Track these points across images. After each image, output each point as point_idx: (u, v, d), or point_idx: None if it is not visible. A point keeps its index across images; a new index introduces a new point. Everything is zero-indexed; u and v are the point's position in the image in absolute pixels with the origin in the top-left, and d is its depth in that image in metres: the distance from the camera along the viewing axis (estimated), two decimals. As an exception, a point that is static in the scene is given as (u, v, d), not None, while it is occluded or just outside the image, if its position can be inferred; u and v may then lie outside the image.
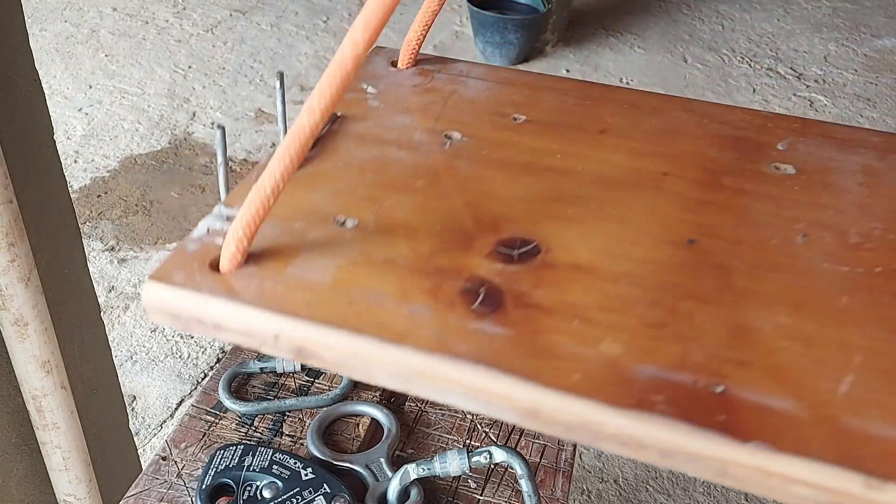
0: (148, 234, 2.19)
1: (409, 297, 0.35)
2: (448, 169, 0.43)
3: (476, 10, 3.03)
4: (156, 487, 0.61)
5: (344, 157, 0.44)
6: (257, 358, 0.72)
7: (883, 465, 0.28)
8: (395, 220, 0.39)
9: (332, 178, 0.42)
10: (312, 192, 0.41)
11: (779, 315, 0.34)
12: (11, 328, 0.79)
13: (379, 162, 0.44)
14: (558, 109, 0.49)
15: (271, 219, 0.39)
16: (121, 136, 2.61)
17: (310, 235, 0.38)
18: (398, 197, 0.41)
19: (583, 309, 0.34)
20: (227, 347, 1.84)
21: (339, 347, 0.33)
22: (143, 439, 1.65)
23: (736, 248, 0.38)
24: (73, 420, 0.89)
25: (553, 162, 0.44)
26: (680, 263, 0.37)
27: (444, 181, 0.42)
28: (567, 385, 0.31)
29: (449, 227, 0.39)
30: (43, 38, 3.14)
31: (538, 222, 0.39)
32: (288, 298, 0.34)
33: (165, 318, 0.36)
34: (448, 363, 0.32)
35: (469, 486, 0.63)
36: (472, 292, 0.35)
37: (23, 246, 0.76)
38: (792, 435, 0.29)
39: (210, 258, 0.37)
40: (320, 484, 0.60)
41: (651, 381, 0.31)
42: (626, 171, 0.44)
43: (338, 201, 0.41)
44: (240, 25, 3.31)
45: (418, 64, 0.53)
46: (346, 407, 0.68)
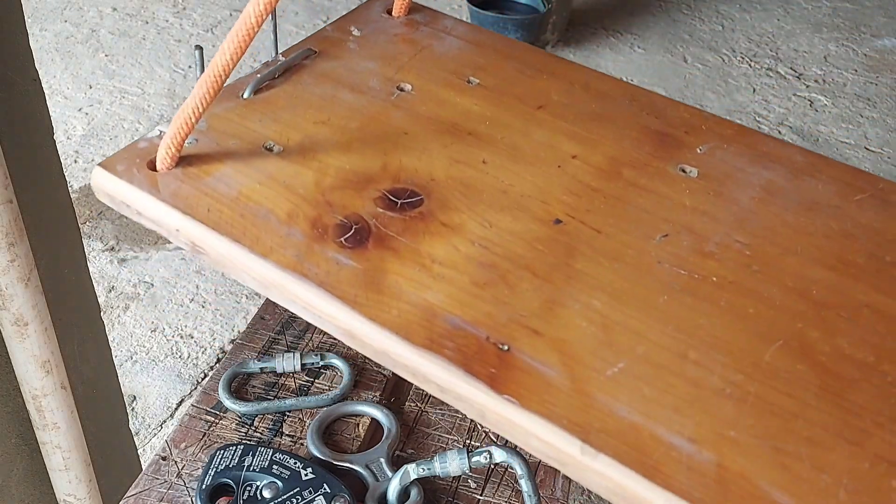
0: (148, 234, 2.19)
1: (292, 222, 0.40)
2: (383, 117, 0.47)
3: (476, 9, 3.03)
4: (156, 487, 0.61)
5: (299, 90, 0.49)
6: (257, 358, 0.72)
7: (603, 440, 0.32)
8: (315, 154, 0.44)
9: (279, 108, 0.48)
10: (257, 118, 0.47)
11: (594, 299, 0.38)
12: (11, 328, 0.79)
13: (327, 100, 0.48)
14: (512, 79, 0.52)
15: (214, 131, 0.45)
16: (121, 136, 2.61)
17: (238, 153, 0.44)
18: (328, 134, 0.46)
19: (429, 260, 0.39)
20: (226, 347, 1.84)
21: (220, 250, 0.39)
22: (143, 439, 1.65)
23: (595, 235, 0.41)
24: (73, 420, 0.89)
25: (479, 128, 0.47)
26: (535, 238, 0.41)
27: (375, 127, 0.46)
28: (381, 319, 0.36)
29: (357, 169, 0.43)
30: (43, 38, 3.14)
31: (434, 179, 0.43)
32: (195, 202, 0.41)
33: (105, 196, 0.43)
34: (296, 282, 0.37)
35: (469, 486, 0.63)
36: (346, 227, 0.40)
37: (23, 246, 0.76)
38: (543, 397, 0.33)
39: (150, 156, 0.43)
40: (320, 484, 0.60)
41: (451, 329, 0.36)
42: (539, 148, 0.46)
43: (275, 128, 0.46)
44: (240, 25, 3.30)
45: (411, 13, 0.56)
46: (345, 407, 0.68)
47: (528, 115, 0.49)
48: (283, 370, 0.71)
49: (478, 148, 0.46)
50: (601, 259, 0.40)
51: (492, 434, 0.68)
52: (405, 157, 0.44)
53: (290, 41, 2.48)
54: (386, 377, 0.71)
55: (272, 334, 0.75)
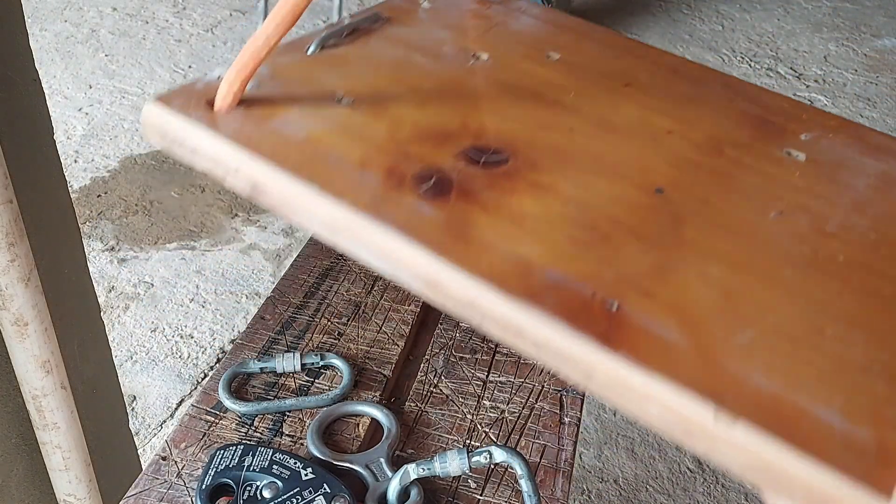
0: (148, 233, 2.19)
1: (365, 167, 0.37)
2: (460, 81, 0.45)
3: (476, 9, 3.03)
4: (156, 487, 0.61)
5: (369, 51, 0.47)
6: (257, 358, 0.72)
7: (741, 405, 0.28)
8: (388, 108, 0.42)
9: (349, 64, 0.45)
10: (327, 70, 0.44)
11: (711, 267, 0.35)
12: (11, 328, 0.79)
13: (400, 62, 0.46)
14: (595, 57, 0.49)
15: (278, 78, 0.43)
16: (121, 135, 2.61)
17: (305, 100, 0.42)
18: (401, 91, 0.43)
19: (520, 217, 0.36)
20: (226, 347, 1.84)
21: (285, 190, 0.36)
22: (143, 439, 1.65)
23: (702, 205, 0.38)
24: (73, 420, 0.89)
25: (564, 98, 0.45)
26: (636, 205, 0.38)
27: (452, 89, 0.44)
28: (470, 266, 0.32)
29: (435, 125, 0.41)
30: (43, 38, 3.14)
31: (519, 140, 0.40)
32: (259, 140, 0.38)
33: (155, 135, 0.40)
34: (372, 224, 0.34)
35: (469, 486, 0.63)
36: (425, 178, 0.37)
37: (23, 246, 0.76)
38: (663, 357, 0.30)
39: (208, 96, 0.41)
40: (320, 484, 0.60)
41: (551, 284, 0.32)
42: (630, 121, 0.44)
43: (345, 82, 0.43)
44: (240, 25, 3.31)
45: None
46: (345, 407, 0.68)
47: (615, 90, 0.46)
48: (283, 370, 0.71)
49: (564, 116, 0.43)
50: (713, 229, 0.37)
51: (491, 434, 0.68)
52: (486, 118, 0.42)
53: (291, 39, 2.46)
54: (386, 377, 0.71)
55: (272, 334, 0.75)
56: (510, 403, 0.70)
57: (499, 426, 0.68)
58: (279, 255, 2.14)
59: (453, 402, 0.70)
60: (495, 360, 0.74)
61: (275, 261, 2.12)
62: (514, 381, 0.72)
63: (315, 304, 0.79)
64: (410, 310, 0.79)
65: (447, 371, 0.73)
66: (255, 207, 2.30)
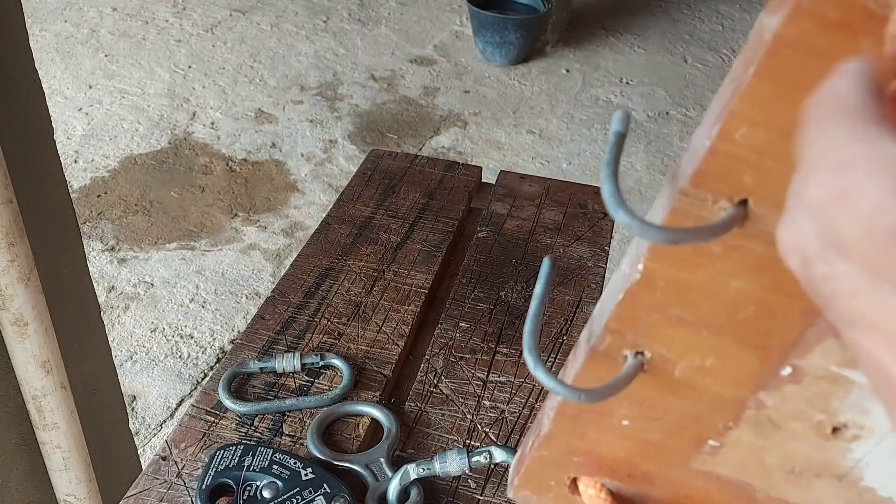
0: (147, 233, 2.19)
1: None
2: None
3: (476, 9, 3.03)
4: (156, 487, 0.61)
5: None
6: (257, 358, 0.72)
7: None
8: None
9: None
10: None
11: None
12: (11, 328, 0.79)
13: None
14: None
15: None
16: (121, 136, 2.61)
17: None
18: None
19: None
20: (226, 347, 1.84)
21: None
22: (142, 439, 1.65)
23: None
24: (72, 420, 0.89)
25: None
26: None
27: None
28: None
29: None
30: (43, 38, 3.14)
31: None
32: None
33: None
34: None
35: (469, 486, 0.63)
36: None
37: (23, 246, 0.76)
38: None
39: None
40: (320, 484, 0.60)
41: None
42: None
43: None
44: (240, 25, 3.30)
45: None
46: (345, 407, 0.68)
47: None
48: (283, 370, 0.71)
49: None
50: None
51: (491, 434, 0.68)
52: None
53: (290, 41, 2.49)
54: (386, 377, 0.71)
55: (272, 334, 0.75)
56: (510, 403, 0.70)
57: (499, 426, 0.68)
58: (279, 255, 2.14)
59: (453, 402, 0.70)
60: (495, 361, 0.74)
61: (275, 261, 2.12)
62: (514, 381, 0.72)
63: (315, 304, 0.79)
64: (410, 310, 0.79)
65: (447, 371, 0.73)
66: (255, 207, 2.31)
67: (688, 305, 0.35)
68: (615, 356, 0.39)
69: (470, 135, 2.70)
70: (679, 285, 0.35)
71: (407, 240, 0.88)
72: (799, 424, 0.38)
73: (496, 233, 0.90)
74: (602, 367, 0.40)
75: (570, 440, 0.44)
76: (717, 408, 0.39)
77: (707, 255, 0.33)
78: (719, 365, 0.37)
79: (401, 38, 3.29)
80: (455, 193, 0.96)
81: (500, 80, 3.04)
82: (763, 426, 0.39)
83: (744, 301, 0.34)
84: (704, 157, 0.30)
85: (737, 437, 0.40)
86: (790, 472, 0.41)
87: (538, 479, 0.48)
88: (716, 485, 0.43)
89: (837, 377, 0.35)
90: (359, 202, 0.94)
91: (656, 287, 0.35)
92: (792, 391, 0.37)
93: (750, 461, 0.41)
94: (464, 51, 3.21)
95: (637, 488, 0.45)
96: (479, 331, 0.77)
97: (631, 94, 2.97)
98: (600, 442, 0.44)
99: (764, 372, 0.37)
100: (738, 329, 0.35)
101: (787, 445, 0.39)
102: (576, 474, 0.47)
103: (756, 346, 0.36)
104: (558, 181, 1.00)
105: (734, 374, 0.37)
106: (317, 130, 2.67)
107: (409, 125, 2.75)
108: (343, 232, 0.89)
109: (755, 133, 0.29)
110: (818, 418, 0.37)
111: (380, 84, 2.97)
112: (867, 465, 0.39)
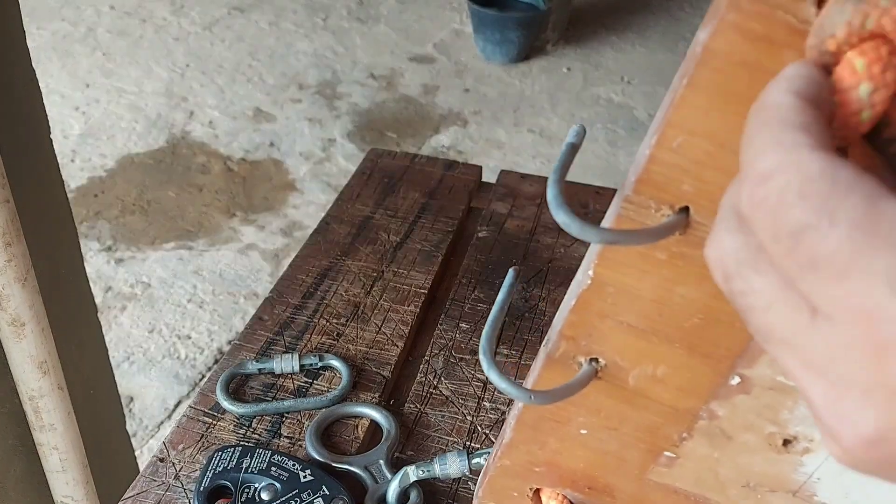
0: (145, 233, 2.19)
1: None
2: None
3: (476, 7, 3.02)
4: (153, 489, 0.61)
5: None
6: (255, 359, 0.72)
7: None
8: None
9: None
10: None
11: None
12: (8, 328, 0.78)
13: None
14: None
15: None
16: (118, 135, 2.60)
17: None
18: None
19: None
20: (224, 348, 1.84)
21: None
22: (140, 441, 1.64)
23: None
24: (70, 421, 0.88)
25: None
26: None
27: None
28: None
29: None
30: (40, 37, 3.13)
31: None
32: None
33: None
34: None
35: (469, 488, 0.62)
36: None
37: (20, 246, 0.75)
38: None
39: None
40: (319, 486, 0.59)
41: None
42: None
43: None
44: (238, 23, 3.30)
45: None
46: (344, 408, 0.67)
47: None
48: (282, 371, 0.70)
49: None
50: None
51: (492, 436, 0.67)
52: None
53: (288, 39, 2.49)
54: (385, 378, 0.71)
55: (270, 335, 0.75)
56: (511, 405, 0.70)
57: (499, 428, 0.68)
58: (277, 255, 2.13)
59: (453, 403, 0.70)
60: (495, 361, 0.73)
61: (273, 261, 2.11)
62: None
63: (314, 305, 0.78)
64: (410, 310, 0.78)
65: (447, 372, 0.72)
66: (254, 207, 2.30)
67: (637, 313, 0.36)
68: (570, 363, 0.39)
69: (470, 134, 2.70)
70: (628, 292, 0.35)
71: (406, 240, 0.88)
72: (751, 436, 0.38)
73: (496, 233, 0.90)
74: (558, 373, 0.40)
75: (531, 449, 0.45)
76: (670, 418, 0.39)
77: (653, 262, 0.34)
78: (671, 374, 0.37)
79: (400, 36, 3.28)
80: (455, 193, 0.96)
81: (501, 78, 3.03)
82: (716, 437, 0.39)
83: (690, 309, 0.34)
84: (645, 165, 0.31)
85: (691, 448, 0.40)
86: (745, 487, 0.41)
87: (501, 490, 0.48)
88: (674, 498, 0.43)
89: (785, 388, 0.35)
90: (358, 202, 0.94)
91: (606, 293, 0.36)
92: (742, 401, 0.37)
93: (706, 474, 0.41)
94: (464, 49, 3.21)
95: (598, 501, 0.46)
96: (479, 331, 0.77)
97: (632, 92, 2.97)
98: (560, 452, 0.44)
99: (714, 381, 0.36)
100: (687, 337, 0.35)
101: (741, 458, 0.39)
102: (538, 485, 0.47)
103: (705, 355, 0.36)
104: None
105: (685, 383, 0.37)
106: (315, 129, 2.67)
107: (408, 124, 2.74)
108: (342, 232, 0.88)
109: (692, 142, 0.29)
110: (769, 430, 0.37)
111: (379, 83, 2.96)
112: (819, 479, 0.38)
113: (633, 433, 0.41)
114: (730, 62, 0.27)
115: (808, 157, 0.21)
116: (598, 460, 0.43)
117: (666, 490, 0.43)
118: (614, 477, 0.44)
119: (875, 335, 0.19)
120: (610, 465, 0.43)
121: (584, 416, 0.41)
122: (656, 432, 0.40)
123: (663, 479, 0.42)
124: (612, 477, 0.44)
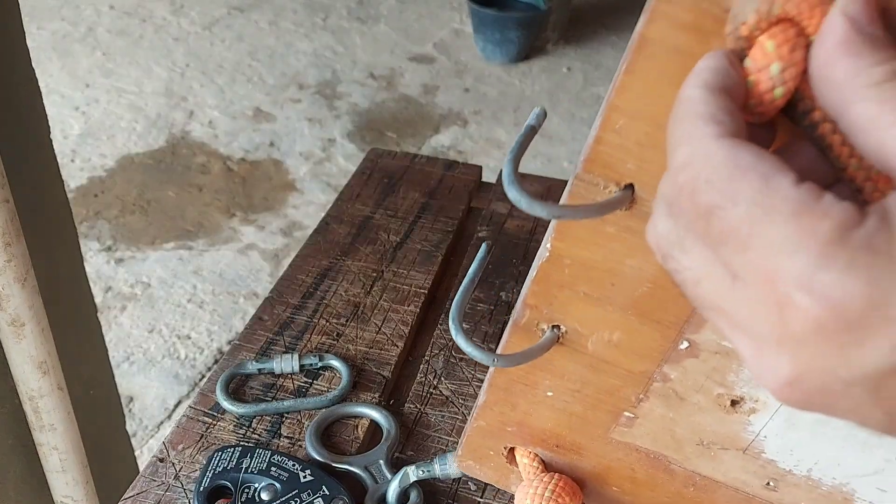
0: (145, 233, 2.19)
1: None
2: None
3: (476, 7, 3.02)
4: (153, 489, 0.61)
5: None
6: (255, 359, 0.72)
7: None
8: None
9: None
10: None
11: None
12: (8, 328, 0.78)
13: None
14: None
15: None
16: (118, 134, 2.60)
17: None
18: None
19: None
20: (224, 348, 1.84)
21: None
22: (140, 441, 1.64)
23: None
24: (69, 421, 0.88)
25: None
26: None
27: None
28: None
29: None
30: (40, 37, 3.13)
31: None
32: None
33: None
34: None
35: (469, 488, 0.62)
36: None
37: (19, 246, 0.75)
38: None
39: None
40: (319, 486, 0.59)
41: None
42: None
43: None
44: (238, 23, 3.30)
45: None
46: (344, 408, 0.67)
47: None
48: (282, 371, 0.70)
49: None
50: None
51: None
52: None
53: (288, 39, 2.49)
54: (385, 378, 0.71)
55: (270, 335, 0.75)
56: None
57: (499, 428, 0.68)
58: (277, 255, 2.13)
59: (453, 403, 0.70)
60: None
61: (273, 261, 2.11)
62: (514, 382, 0.72)
63: (313, 305, 0.78)
64: (410, 310, 0.78)
65: (447, 372, 0.72)
66: (253, 206, 2.30)
67: (592, 283, 0.39)
68: (534, 329, 0.42)
69: (470, 133, 2.70)
70: (583, 264, 0.38)
71: (406, 240, 0.88)
72: (701, 397, 0.41)
73: (497, 233, 0.90)
74: (524, 339, 0.43)
75: (504, 410, 0.48)
76: (627, 380, 0.42)
77: (603, 235, 0.37)
78: (625, 339, 0.40)
79: (400, 35, 3.28)
80: (455, 193, 0.96)
81: (501, 78, 3.03)
82: (670, 398, 0.42)
83: (639, 279, 0.37)
84: (592, 146, 0.33)
85: (648, 409, 0.43)
86: (699, 445, 0.44)
87: (478, 448, 0.51)
88: (635, 456, 0.46)
89: (730, 352, 0.38)
90: (358, 202, 0.94)
91: (564, 265, 0.39)
92: (692, 365, 0.40)
93: (663, 433, 0.44)
94: (464, 49, 3.21)
95: (566, 459, 0.49)
96: (479, 332, 0.77)
97: (630, 92, 2.97)
98: (530, 413, 0.47)
99: (665, 346, 0.40)
100: (638, 305, 0.39)
101: (694, 418, 0.42)
102: (511, 444, 0.50)
103: (655, 322, 0.39)
104: (560, 180, 1.00)
105: (639, 347, 0.40)
106: (315, 129, 2.67)
107: (408, 124, 2.74)
108: (342, 232, 0.88)
109: (633, 125, 0.32)
110: (717, 391, 0.40)
111: (379, 82, 2.96)
112: (766, 437, 0.41)
113: (594, 395, 0.44)
114: (663, 49, 0.30)
115: (713, 145, 0.23)
116: (564, 420, 0.46)
117: (628, 448, 0.46)
118: (580, 436, 0.47)
119: (776, 294, 0.22)
120: (575, 425, 0.46)
121: (549, 379, 0.44)
122: (616, 394, 0.43)
123: (625, 437, 0.45)
124: (578, 436, 0.47)
